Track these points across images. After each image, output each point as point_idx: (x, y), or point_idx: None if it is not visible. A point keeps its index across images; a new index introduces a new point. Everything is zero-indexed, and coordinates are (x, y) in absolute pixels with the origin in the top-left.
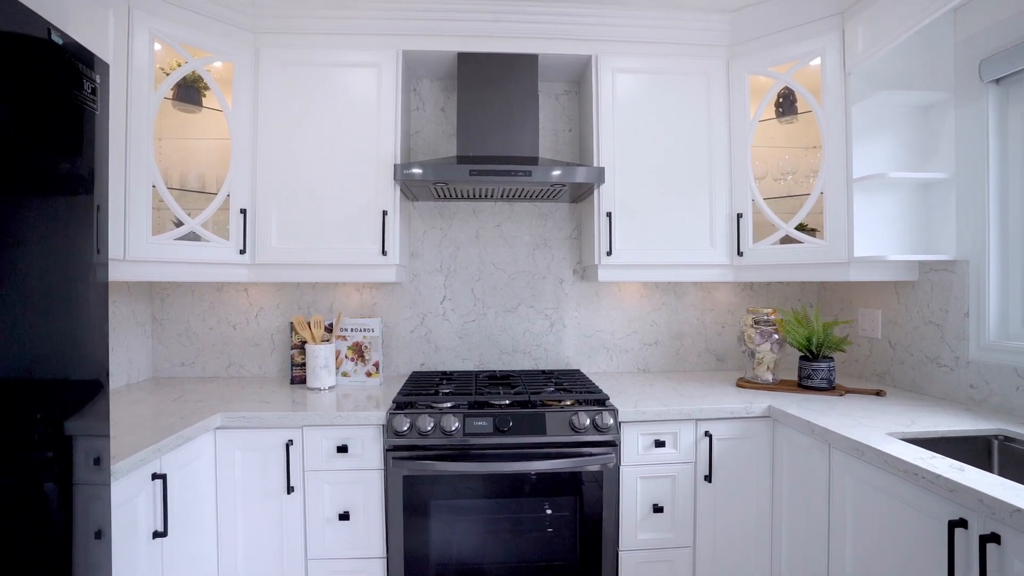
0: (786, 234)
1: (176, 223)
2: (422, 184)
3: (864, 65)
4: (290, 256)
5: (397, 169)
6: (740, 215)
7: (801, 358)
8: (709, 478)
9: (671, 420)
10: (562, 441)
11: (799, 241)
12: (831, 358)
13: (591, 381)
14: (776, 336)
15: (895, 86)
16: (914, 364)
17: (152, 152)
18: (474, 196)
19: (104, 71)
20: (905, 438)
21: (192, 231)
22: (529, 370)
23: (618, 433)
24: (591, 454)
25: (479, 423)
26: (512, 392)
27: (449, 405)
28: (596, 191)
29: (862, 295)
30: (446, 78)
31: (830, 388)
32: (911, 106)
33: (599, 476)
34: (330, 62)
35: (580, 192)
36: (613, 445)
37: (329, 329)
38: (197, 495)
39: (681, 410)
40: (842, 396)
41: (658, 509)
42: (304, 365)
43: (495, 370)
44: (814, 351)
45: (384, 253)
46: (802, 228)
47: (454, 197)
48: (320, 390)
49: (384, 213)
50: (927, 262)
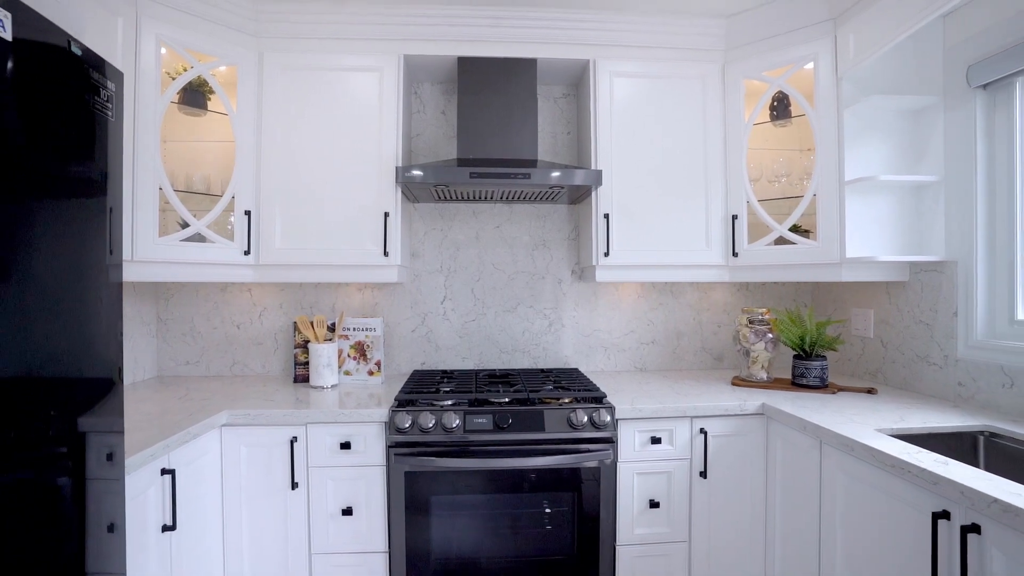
0: (780, 235)
1: (182, 224)
2: (423, 186)
3: (856, 70)
4: (294, 257)
5: (399, 171)
6: (735, 216)
7: (795, 357)
8: (704, 474)
9: (667, 417)
10: (560, 438)
11: (793, 242)
12: (824, 357)
13: (589, 379)
14: (770, 335)
15: (886, 90)
16: (905, 363)
17: (158, 155)
18: (474, 198)
19: (118, 79)
20: (894, 434)
21: (198, 232)
22: (528, 369)
23: (615, 430)
24: (589, 451)
25: (479, 420)
26: (511, 390)
27: (450, 403)
28: (594, 193)
29: (855, 295)
30: (447, 81)
31: (823, 386)
32: (902, 110)
33: (597, 472)
34: (333, 66)
35: (578, 194)
36: (610, 442)
37: (332, 328)
38: (204, 490)
39: (677, 408)
40: (835, 394)
41: (654, 505)
42: (307, 364)
43: (495, 369)
44: (807, 350)
45: (386, 254)
46: (796, 229)
47: (454, 199)
48: (323, 388)
49: (386, 215)
50: (917, 263)
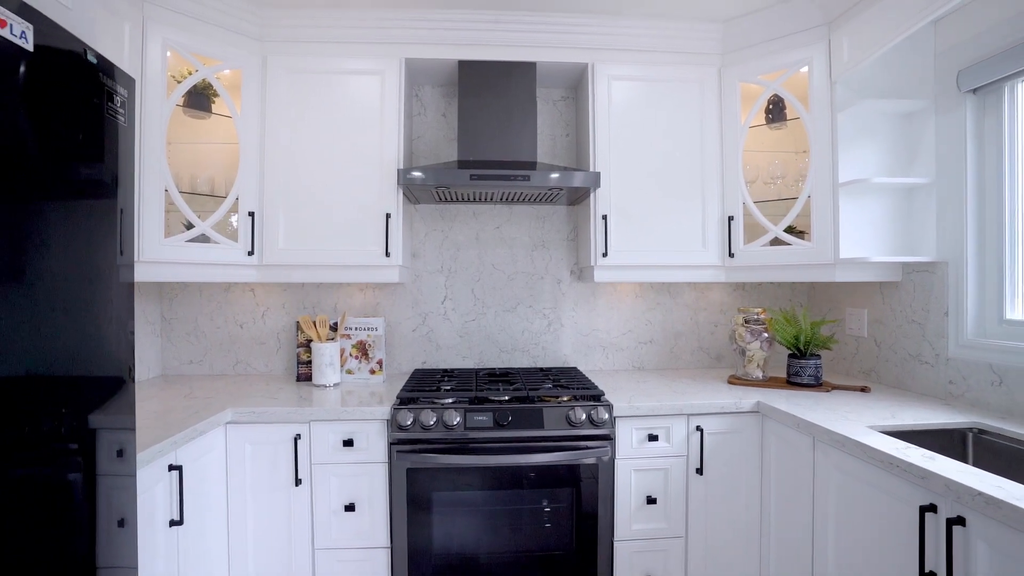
0: (775, 236)
1: (187, 225)
2: (424, 188)
3: (849, 74)
4: (297, 257)
5: (400, 174)
6: (731, 218)
7: (790, 356)
8: (700, 471)
9: (664, 415)
10: (559, 435)
11: (788, 243)
12: (818, 356)
13: (587, 378)
14: (766, 335)
15: (879, 94)
16: (898, 361)
17: (164, 157)
18: (474, 199)
19: (130, 85)
20: (885, 431)
21: (203, 233)
22: (527, 368)
23: (613, 427)
24: (587, 447)
25: (479, 418)
26: (511, 388)
27: (451, 401)
28: (592, 194)
29: (850, 295)
30: (447, 84)
31: (817, 385)
32: (894, 114)
33: (595, 469)
34: (335, 69)
35: (577, 195)
36: (608, 439)
37: (334, 328)
38: (209, 487)
39: (674, 405)
40: (828, 392)
41: (651, 501)
42: (310, 363)
43: (495, 368)
44: (802, 349)
45: (387, 255)
46: (791, 230)
47: (455, 200)
48: (326, 387)
49: (387, 216)
50: (910, 264)
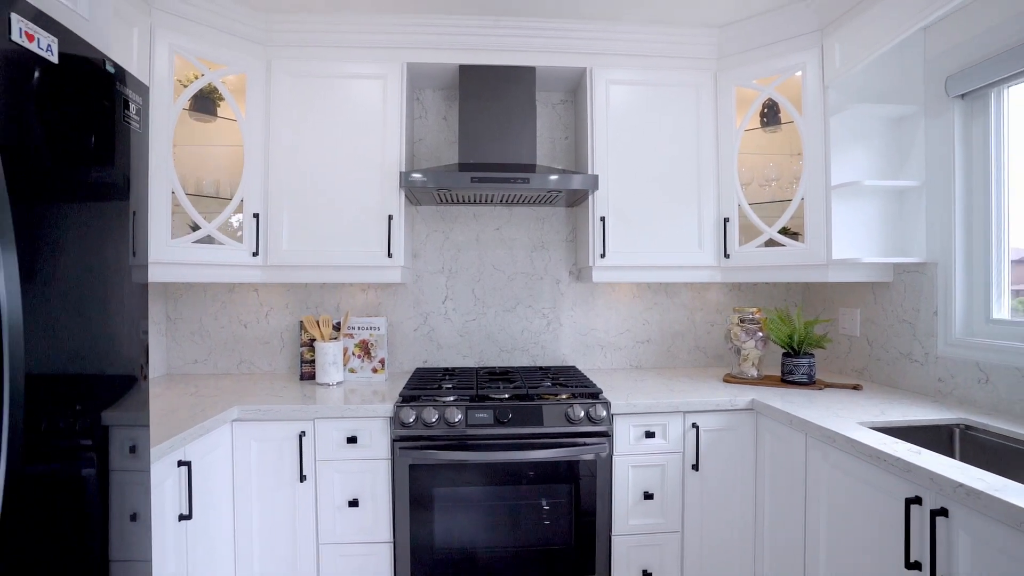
0: (770, 237)
1: (192, 227)
2: (425, 190)
3: (842, 79)
4: (300, 258)
5: (402, 176)
6: (727, 219)
7: (784, 355)
8: (696, 467)
9: (661, 412)
10: (558, 432)
11: (782, 244)
12: (812, 355)
13: (586, 376)
14: (760, 334)
15: (871, 99)
16: (889, 360)
17: (171, 160)
18: (475, 201)
19: (145, 93)
20: (875, 427)
21: (208, 234)
22: (527, 366)
23: (611, 424)
24: (585, 444)
25: (480, 415)
26: (511, 386)
27: (452, 398)
28: (591, 196)
29: (843, 295)
30: (448, 88)
31: (811, 383)
32: (885, 118)
33: (593, 465)
34: (338, 73)
35: (576, 197)
36: (606, 436)
37: (337, 328)
38: (216, 483)
39: (670, 403)
40: (821, 390)
41: (648, 496)
42: (313, 362)
43: (495, 366)
44: (796, 348)
45: (389, 255)
46: (785, 232)
47: (456, 202)
48: (329, 385)
49: (389, 217)
50: (900, 264)
